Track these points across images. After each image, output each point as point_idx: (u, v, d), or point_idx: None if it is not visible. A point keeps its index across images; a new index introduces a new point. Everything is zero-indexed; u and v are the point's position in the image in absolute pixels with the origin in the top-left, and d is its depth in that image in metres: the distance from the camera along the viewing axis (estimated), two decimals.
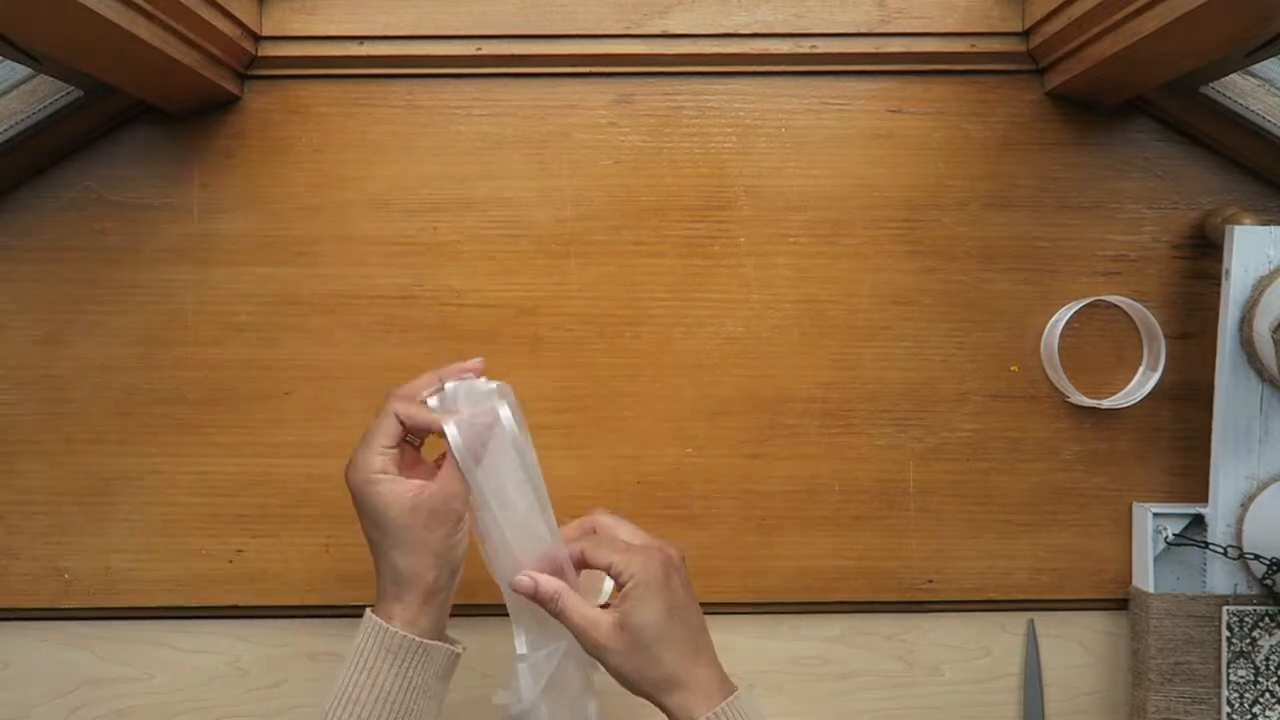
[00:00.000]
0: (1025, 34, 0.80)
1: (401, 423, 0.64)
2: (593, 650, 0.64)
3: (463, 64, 0.80)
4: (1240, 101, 0.76)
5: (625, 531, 0.68)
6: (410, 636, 0.63)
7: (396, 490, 0.63)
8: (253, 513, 0.82)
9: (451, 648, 0.66)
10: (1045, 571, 0.83)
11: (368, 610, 0.65)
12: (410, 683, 0.63)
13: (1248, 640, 0.79)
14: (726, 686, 0.65)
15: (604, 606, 0.66)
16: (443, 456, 0.65)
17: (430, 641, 0.64)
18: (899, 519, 0.83)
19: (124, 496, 0.82)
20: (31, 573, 0.82)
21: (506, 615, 0.67)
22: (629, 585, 0.63)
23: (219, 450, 0.82)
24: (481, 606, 0.71)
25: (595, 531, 0.69)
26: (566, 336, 0.82)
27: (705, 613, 0.76)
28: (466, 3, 0.79)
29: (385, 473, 0.63)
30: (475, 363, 0.67)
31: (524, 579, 0.64)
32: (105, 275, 0.81)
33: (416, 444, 0.69)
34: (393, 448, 0.64)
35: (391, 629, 0.63)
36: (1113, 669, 0.84)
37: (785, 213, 0.82)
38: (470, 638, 0.70)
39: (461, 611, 0.70)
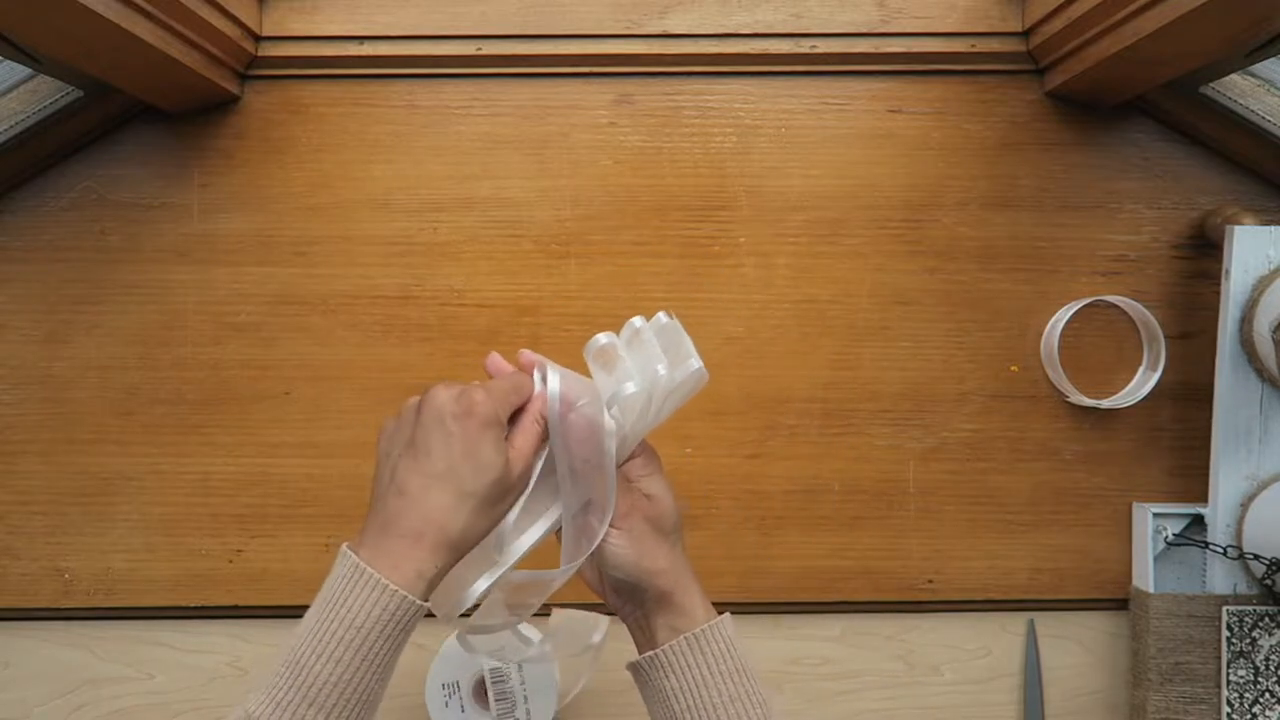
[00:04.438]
0: (1025, 34, 0.80)
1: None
2: (618, 518, 0.62)
3: (463, 64, 0.80)
4: (1240, 101, 0.76)
5: None
6: (414, 599, 0.55)
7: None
8: (252, 513, 0.82)
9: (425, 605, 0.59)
10: (1045, 571, 0.83)
11: (345, 548, 0.57)
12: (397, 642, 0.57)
13: (1247, 640, 0.79)
14: (710, 610, 0.64)
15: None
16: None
17: (424, 603, 0.56)
18: (899, 519, 0.83)
19: (124, 496, 0.82)
20: (31, 573, 0.82)
21: None
22: (649, 467, 0.64)
23: (219, 450, 0.82)
24: None
25: None
26: (566, 336, 0.82)
27: None
28: (466, 3, 0.79)
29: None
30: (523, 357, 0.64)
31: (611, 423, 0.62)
32: (105, 275, 0.81)
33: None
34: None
35: (402, 593, 0.55)
36: (1113, 669, 0.84)
37: (785, 213, 0.82)
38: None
39: None
